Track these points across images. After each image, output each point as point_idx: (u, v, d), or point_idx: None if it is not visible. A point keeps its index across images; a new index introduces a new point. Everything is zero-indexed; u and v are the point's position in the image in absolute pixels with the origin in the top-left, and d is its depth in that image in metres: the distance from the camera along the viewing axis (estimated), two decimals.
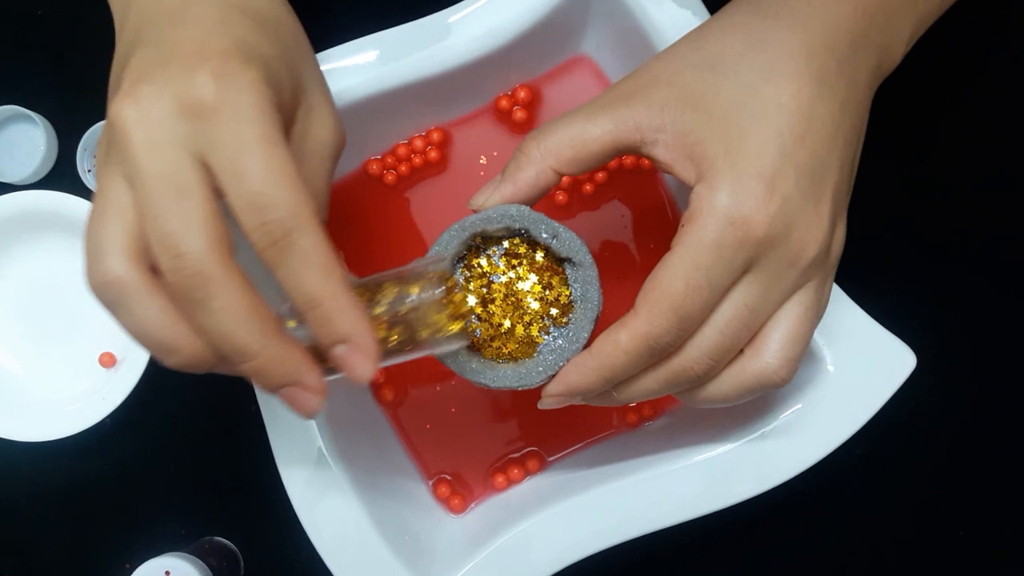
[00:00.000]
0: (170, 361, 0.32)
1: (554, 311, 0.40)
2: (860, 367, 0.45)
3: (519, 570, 0.46)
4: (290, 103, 0.35)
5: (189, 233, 0.30)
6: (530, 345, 0.40)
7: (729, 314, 0.36)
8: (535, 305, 0.40)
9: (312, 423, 0.46)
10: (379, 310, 0.36)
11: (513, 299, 0.40)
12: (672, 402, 0.52)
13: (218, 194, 0.31)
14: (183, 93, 0.31)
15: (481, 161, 0.52)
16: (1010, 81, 0.57)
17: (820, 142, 0.36)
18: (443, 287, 0.37)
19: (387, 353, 0.37)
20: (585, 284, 0.39)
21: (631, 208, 0.53)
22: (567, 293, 0.40)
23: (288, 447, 0.47)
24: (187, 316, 0.31)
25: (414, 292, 0.36)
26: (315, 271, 0.31)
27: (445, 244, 0.39)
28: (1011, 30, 0.57)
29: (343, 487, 0.46)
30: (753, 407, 0.45)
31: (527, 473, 0.51)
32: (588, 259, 0.39)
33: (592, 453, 0.51)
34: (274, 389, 0.33)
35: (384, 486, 0.49)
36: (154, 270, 0.31)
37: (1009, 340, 0.57)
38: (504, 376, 0.39)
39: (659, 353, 0.36)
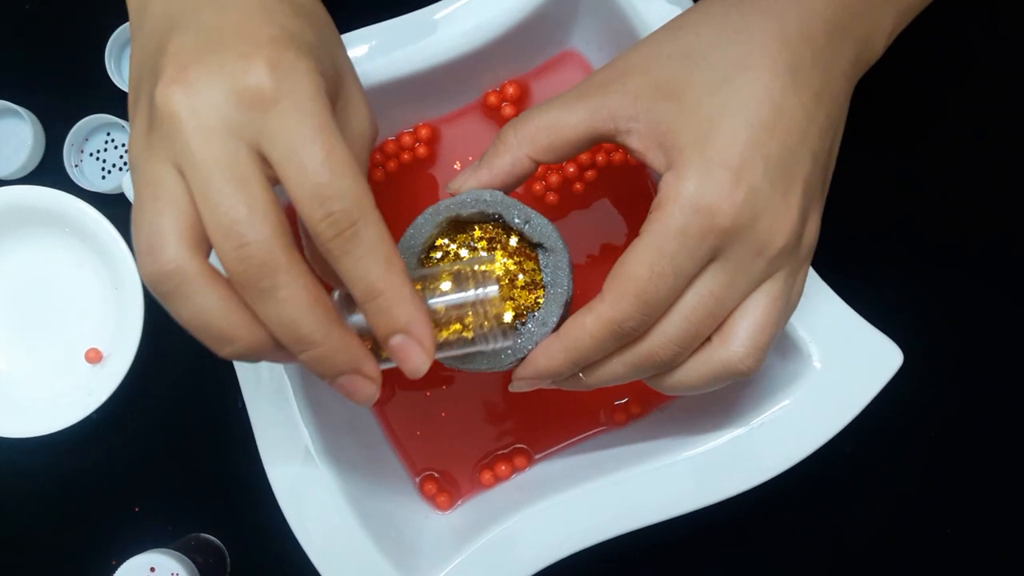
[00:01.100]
0: (226, 351, 0.32)
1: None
2: (847, 364, 0.45)
3: (506, 567, 0.46)
4: (333, 93, 0.35)
5: (253, 222, 0.30)
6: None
7: (694, 302, 0.36)
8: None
9: (299, 420, 0.46)
10: (437, 304, 0.37)
11: None
12: (660, 399, 0.52)
13: (273, 183, 0.31)
14: (239, 82, 0.31)
15: (455, 167, 0.52)
16: (1001, 76, 0.57)
17: (791, 132, 0.36)
18: (497, 285, 0.37)
19: (439, 347, 0.37)
20: (555, 269, 0.40)
21: (621, 206, 0.52)
22: (539, 278, 0.40)
23: (274, 444, 0.46)
24: (247, 305, 0.31)
25: (471, 288, 0.37)
26: (379, 261, 0.32)
27: (419, 227, 0.40)
28: (1005, 26, 0.57)
29: (329, 484, 0.46)
30: (740, 403, 0.45)
31: (514, 470, 0.51)
32: (559, 244, 0.40)
33: (580, 450, 0.51)
34: (333, 377, 0.33)
35: (371, 483, 0.49)
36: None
37: (998, 338, 0.57)
38: (475, 359, 0.40)
39: (624, 338, 0.37)
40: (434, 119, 0.52)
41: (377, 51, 0.47)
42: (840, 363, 0.44)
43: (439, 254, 0.41)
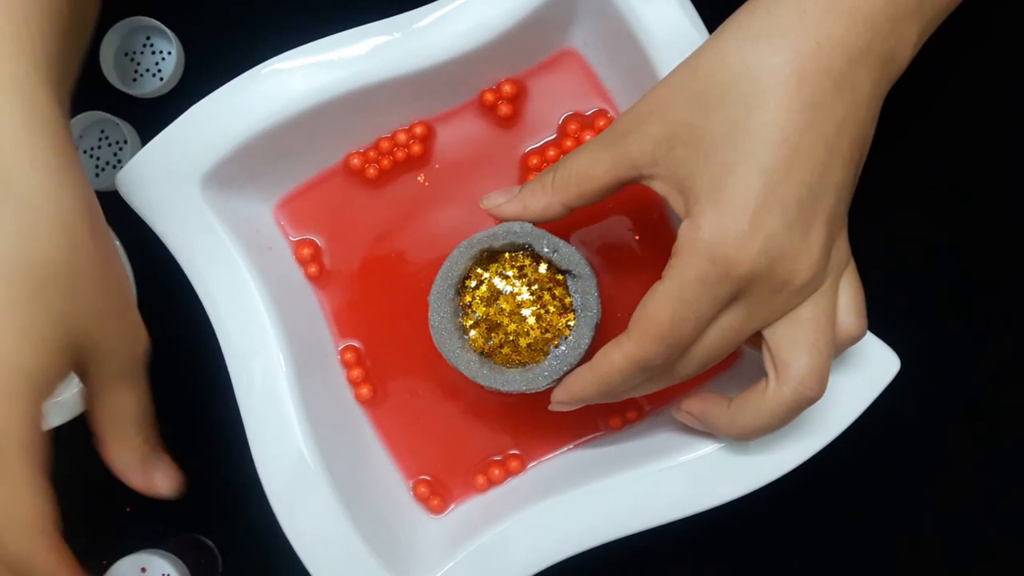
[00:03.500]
0: None
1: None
2: (844, 370, 0.45)
3: (499, 571, 0.46)
4: (60, 373, 0.38)
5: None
6: (537, 351, 0.44)
7: (715, 335, 0.38)
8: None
9: (292, 422, 0.46)
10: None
11: (518, 308, 0.44)
12: (655, 405, 0.51)
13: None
14: None
15: (419, 179, 0.52)
16: (1000, 77, 0.57)
17: (810, 171, 0.36)
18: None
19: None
20: (585, 294, 0.43)
21: (622, 209, 0.52)
22: (568, 302, 0.44)
23: (267, 446, 0.46)
24: None
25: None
26: None
27: (455, 260, 0.43)
28: (1003, 27, 0.57)
29: (322, 487, 0.46)
30: None
31: (508, 474, 0.51)
32: (587, 271, 0.43)
33: (574, 455, 0.51)
34: None
35: (364, 487, 0.49)
36: None
37: (997, 346, 0.56)
38: (512, 381, 0.44)
39: (651, 372, 0.39)
40: (429, 117, 0.52)
41: (376, 49, 0.47)
42: (836, 369, 0.44)
43: (474, 282, 0.44)
